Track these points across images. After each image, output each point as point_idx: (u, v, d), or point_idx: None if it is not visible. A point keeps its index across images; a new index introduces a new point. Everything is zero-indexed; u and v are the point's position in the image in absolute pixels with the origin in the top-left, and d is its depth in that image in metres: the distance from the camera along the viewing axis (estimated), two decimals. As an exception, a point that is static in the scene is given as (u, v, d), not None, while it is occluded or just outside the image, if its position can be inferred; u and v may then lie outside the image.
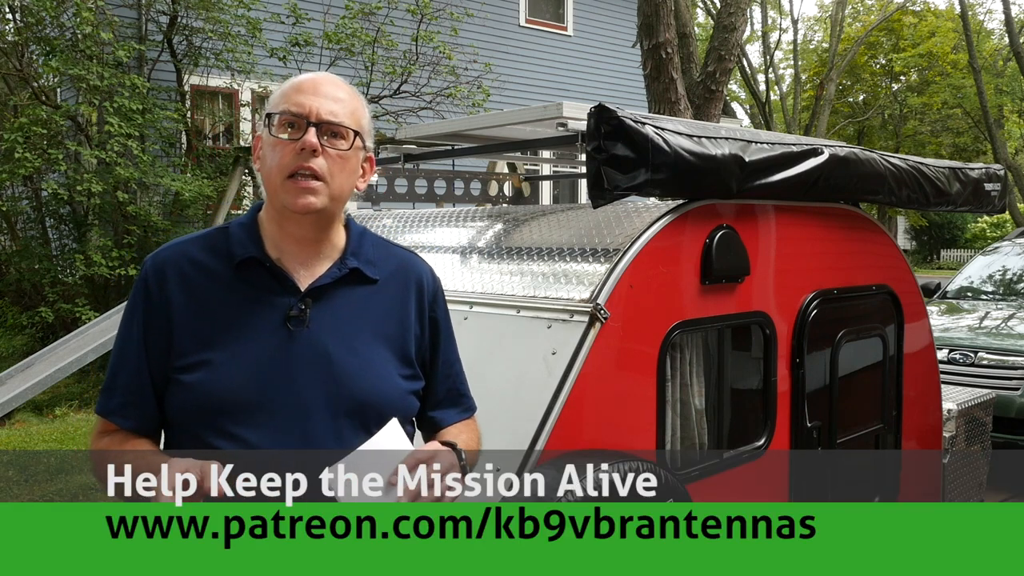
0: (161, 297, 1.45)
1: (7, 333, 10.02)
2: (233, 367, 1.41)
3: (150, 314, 1.45)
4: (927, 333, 3.75)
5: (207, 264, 1.47)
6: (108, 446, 1.45)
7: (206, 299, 1.45)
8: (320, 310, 1.46)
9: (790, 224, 2.99)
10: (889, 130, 31.00)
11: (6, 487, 5.60)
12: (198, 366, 1.41)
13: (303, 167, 1.41)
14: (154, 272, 1.47)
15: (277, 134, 1.44)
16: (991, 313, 7.06)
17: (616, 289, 2.36)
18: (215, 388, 1.40)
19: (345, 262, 1.51)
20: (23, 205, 10.11)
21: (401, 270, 1.59)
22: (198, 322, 1.43)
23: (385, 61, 11.12)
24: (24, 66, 9.75)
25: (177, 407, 1.43)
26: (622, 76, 15.77)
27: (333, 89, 1.48)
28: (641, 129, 2.37)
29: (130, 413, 1.46)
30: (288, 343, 1.43)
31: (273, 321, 1.44)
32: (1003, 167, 4.06)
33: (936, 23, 27.79)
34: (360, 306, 1.51)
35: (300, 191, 1.41)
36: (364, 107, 1.53)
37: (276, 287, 1.46)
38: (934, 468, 3.82)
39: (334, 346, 1.45)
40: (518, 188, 4.69)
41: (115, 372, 1.48)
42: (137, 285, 1.48)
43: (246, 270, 1.46)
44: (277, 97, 1.47)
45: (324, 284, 1.47)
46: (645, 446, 2.46)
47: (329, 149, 1.43)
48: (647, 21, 6.82)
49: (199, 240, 1.51)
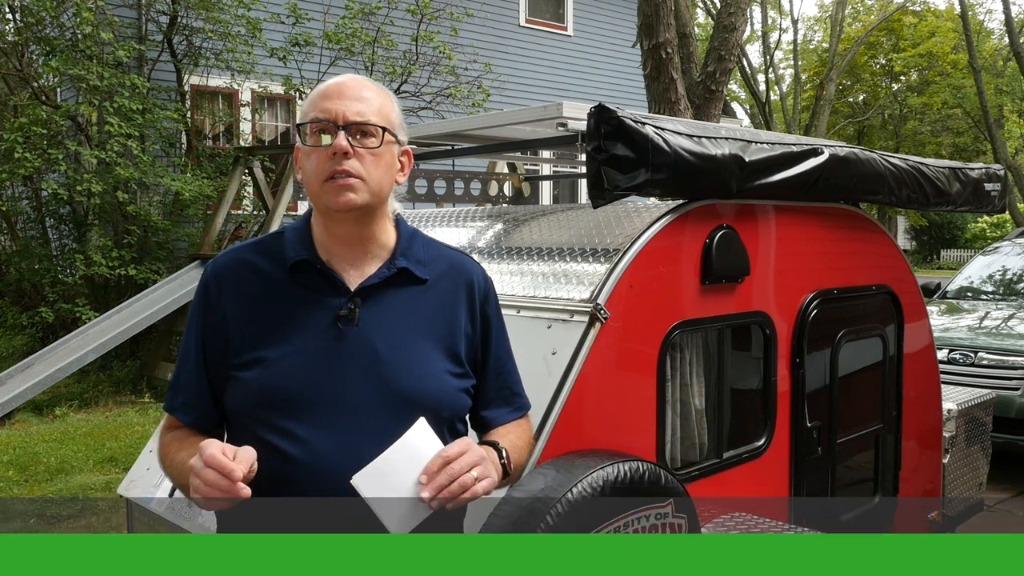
0: (219, 301, 1.53)
1: (7, 333, 10.02)
2: (284, 364, 1.46)
3: (208, 318, 1.53)
4: (927, 333, 3.75)
5: (262, 267, 1.54)
6: (170, 442, 1.55)
7: (260, 300, 1.51)
8: (369, 309, 1.50)
9: (790, 224, 2.99)
10: (889, 130, 31.01)
11: (6, 487, 5.60)
12: (253, 364, 1.47)
13: (338, 171, 1.45)
14: (214, 278, 1.55)
15: (310, 143, 1.48)
16: (991, 313, 7.06)
17: (616, 289, 2.36)
18: (267, 384, 1.45)
19: (394, 262, 1.55)
20: (23, 205, 10.12)
21: (452, 270, 1.62)
22: (253, 322, 1.50)
23: (385, 61, 11.12)
24: (24, 66, 9.75)
25: (234, 403, 1.50)
26: (622, 76, 15.78)
27: (358, 89, 1.51)
28: (641, 129, 2.37)
29: (190, 411, 1.55)
30: (338, 342, 1.47)
31: (324, 321, 1.49)
32: (1003, 167, 4.06)
33: (936, 23, 27.80)
34: (409, 306, 1.54)
35: (339, 189, 1.46)
36: (393, 102, 1.55)
37: (327, 288, 1.51)
38: (934, 468, 3.82)
39: (382, 344, 1.49)
40: (518, 188, 4.69)
41: (178, 372, 1.58)
42: (200, 289, 1.57)
43: (299, 272, 1.52)
44: (306, 106, 1.52)
45: (373, 284, 1.52)
46: (645, 446, 2.46)
47: (360, 149, 1.47)
48: (647, 21, 6.82)
49: (255, 245, 1.59)
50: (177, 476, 1.49)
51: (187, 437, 1.53)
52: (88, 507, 5.24)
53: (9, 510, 5.19)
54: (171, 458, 1.52)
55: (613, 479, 2.08)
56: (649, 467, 2.18)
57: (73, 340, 7.96)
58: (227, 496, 1.27)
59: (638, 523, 2.14)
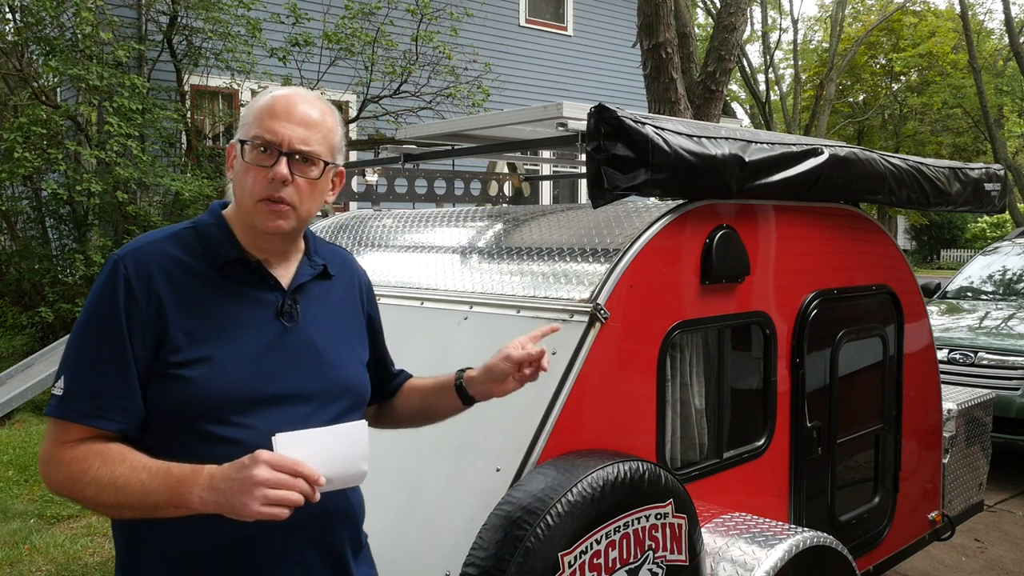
0: (147, 294, 1.43)
1: (7, 333, 10.02)
2: (235, 361, 1.45)
3: (134, 312, 1.42)
4: (927, 333, 3.75)
5: (188, 262, 1.49)
6: (87, 456, 1.38)
7: (196, 297, 1.47)
8: (303, 305, 1.57)
9: (790, 224, 2.99)
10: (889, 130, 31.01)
11: (6, 487, 5.59)
12: (197, 362, 1.43)
13: (273, 196, 1.47)
14: (136, 269, 1.44)
15: (250, 160, 1.48)
16: (991, 313, 7.06)
17: (616, 289, 2.36)
18: (219, 382, 1.43)
19: (314, 260, 1.63)
20: (23, 205, 10.11)
21: (345, 267, 1.73)
22: (191, 319, 1.45)
23: (385, 61, 11.12)
24: (24, 66, 9.75)
25: (174, 402, 1.42)
26: (622, 76, 15.77)
27: (307, 111, 1.50)
28: (641, 129, 2.37)
29: (113, 415, 1.41)
30: (282, 337, 1.52)
31: (264, 317, 1.52)
32: (1003, 167, 4.06)
33: (936, 23, 27.80)
34: (328, 299, 1.64)
35: (271, 215, 1.48)
36: (337, 124, 1.57)
37: (261, 285, 1.54)
38: (934, 468, 3.82)
39: (318, 337, 1.56)
40: (518, 188, 4.68)
41: (85, 373, 1.42)
42: (114, 282, 1.43)
43: (230, 270, 1.52)
44: (251, 119, 1.49)
45: (304, 281, 1.59)
46: (645, 446, 2.46)
47: (299, 177, 1.48)
48: (647, 21, 6.82)
49: (171, 239, 1.52)
50: (116, 493, 1.35)
51: (106, 449, 1.38)
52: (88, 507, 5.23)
53: (9, 510, 5.19)
54: (97, 475, 1.35)
55: (613, 479, 2.08)
56: (649, 467, 2.18)
57: (73, 340, 7.94)
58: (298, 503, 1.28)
59: (638, 523, 2.14)
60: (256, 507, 1.25)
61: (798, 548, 2.42)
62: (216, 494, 1.29)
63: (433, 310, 2.76)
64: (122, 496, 1.35)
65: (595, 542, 2.04)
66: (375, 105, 11.31)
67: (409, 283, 2.97)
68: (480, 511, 2.06)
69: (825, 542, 2.55)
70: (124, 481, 1.35)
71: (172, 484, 1.32)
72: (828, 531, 2.84)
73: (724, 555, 2.39)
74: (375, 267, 3.21)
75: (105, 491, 1.36)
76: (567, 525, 1.98)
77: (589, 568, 2.02)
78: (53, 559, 4.46)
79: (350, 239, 3.51)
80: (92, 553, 4.55)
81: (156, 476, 1.34)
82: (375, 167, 3.82)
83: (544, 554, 1.93)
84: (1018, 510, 5.51)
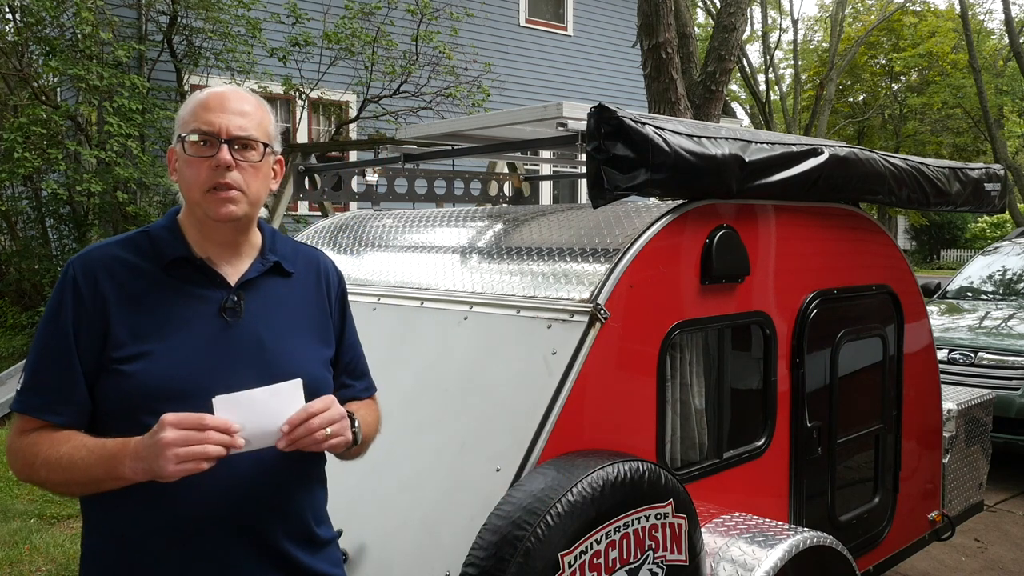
0: (93, 294, 1.51)
1: (7, 333, 10.02)
2: (173, 356, 1.50)
3: (81, 312, 1.51)
4: (927, 333, 3.75)
5: (135, 263, 1.56)
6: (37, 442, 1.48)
7: (139, 295, 1.53)
8: (250, 301, 1.59)
9: (790, 224, 2.99)
10: (889, 130, 31.01)
11: (6, 487, 5.60)
12: (138, 357, 1.49)
13: (220, 182, 1.52)
14: (84, 272, 1.53)
15: (191, 153, 1.54)
16: (991, 313, 7.06)
17: (616, 289, 2.36)
18: (157, 376, 1.48)
19: (267, 257, 1.65)
20: (23, 205, 10.12)
21: (309, 264, 1.74)
22: (134, 316, 1.52)
23: (385, 61, 11.12)
24: (24, 66, 9.75)
25: (117, 396, 1.49)
26: (622, 76, 15.77)
27: (239, 103, 1.57)
28: (641, 129, 2.37)
29: (61, 409, 1.50)
30: (224, 333, 1.55)
31: (207, 313, 1.55)
32: (1003, 167, 4.06)
33: (936, 23, 27.80)
34: (283, 297, 1.65)
35: (221, 201, 1.53)
36: (269, 114, 1.63)
37: (206, 282, 1.58)
38: (934, 468, 3.82)
39: (265, 333, 1.58)
40: (518, 188, 4.68)
41: (38, 369, 1.52)
42: (64, 285, 1.53)
43: (176, 269, 1.57)
44: (186, 115, 1.56)
45: (252, 277, 1.61)
46: (645, 446, 2.46)
47: (242, 162, 1.54)
48: (647, 21, 6.82)
49: (122, 243, 1.60)
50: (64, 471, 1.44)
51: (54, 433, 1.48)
52: (88, 507, 5.24)
53: (9, 510, 5.19)
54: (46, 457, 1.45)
55: (613, 479, 2.08)
56: (649, 467, 2.18)
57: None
58: (216, 454, 1.35)
59: (638, 523, 2.14)
60: (171, 467, 1.33)
61: (798, 548, 2.42)
62: (140, 461, 1.37)
63: (433, 310, 2.76)
64: (68, 474, 1.45)
65: (595, 542, 2.04)
66: (375, 105, 11.31)
67: (409, 283, 2.97)
68: (480, 511, 2.06)
69: (825, 542, 2.55)
70: (68, 459, 1.44)
71: (107, 458, 1.42)
72: (828, 531, 2.84)
73: (724, 555, 2.39)
74: (375, 267, 3.21)
75: (55, 470, 1.45)
76: (567, 525, 1.98)
77: (589, 568, 2.02)
78: (53, 559, 4.46)
79: (350, 239, 3.51)
80: (92, 553, 4.55)
81: (93, 452, 1.43)
82: (375, 167, 3.82)
83: (544, 554, 1.94)
84: (1018, 510, 5.51)
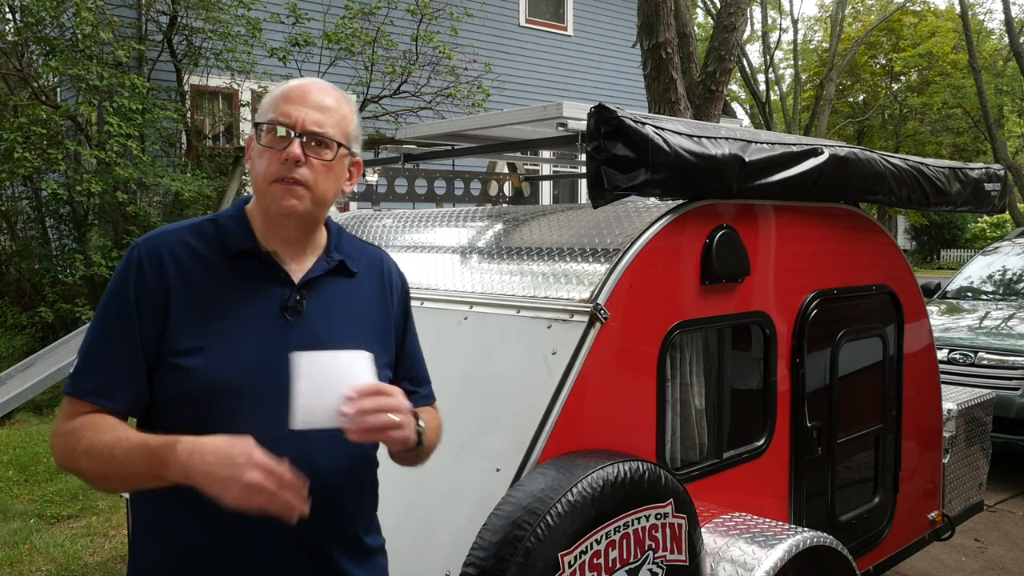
0: (157, 280, 1.46)
1: (7, 333, 10.02)
2: (233, 353, 1.45)
3: (144, 296, 1.46)
4: (927, 333, 3.75)
5: (202, 252, 1.51)
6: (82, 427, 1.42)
7: (203, 286, 1.48)
8: (312, 301, 1.54)
9: (790, 224, 2.99)
10: (889, 130, 31.01)
11: (6, 487, 5.60)
12: (196, 351, 1.44)
13: (286, 176, 1.47)
14: (149, 254, 1.48)
15: (265, 143, 1.50)
16: (991, 313, 7.06)
17: (616, 289, 2.36)
18: (214, 373, 1.43)
19: (331, 256, 1.59)
20: (23, 205, 10.11)
21: (375, 265, 1.69)
22: (195, 308, 1.47)
23: (385, 61, 11.12)
24: (24, 66, 9.75)
25: (172, 390, 1.45)
26: (622, 76, 15.77)
27: (321, 97, 1.52)
28: (641, 129, 2.37)
29: (114, 394, 1.45)
30: (284, 332, 1.49)
31: (269, 311, 1.50)
32: (1003, 167, 4.06)
33: (936, 23, 27.80)
34: (345, 297, 1.60)
35: (284, 194, 1.48)
36: (352, 113, 1.57)
37: (270, 278, 1.52)
38: (934, 468, 3.82)
39: (325, 335, 1.52)
40: (518, 188, 4.68)
41: (94, 352, 1.47)
42: (128, 267, 1.48)
43: (241, 261, 1.51)
44: (267, 105, 1.52)
45: (316, 276, 1.55)
46: (645, 446, 2.46)
47: (313, 159, 1.49)
48: (647, 21, 6.82)
49: (190, 229, 1.54)
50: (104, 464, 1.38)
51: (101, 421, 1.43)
52: (88, 507, 5.24)
53: (9, 510, 5.19)
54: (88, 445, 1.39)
55: (613, 479, 2.08)
56: (649, 467, 2.18)
57: (73, 340, 7.96)
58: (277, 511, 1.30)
59: (638, 523, 2.14)
60: (231, 498, 1.28)
61: (798, 548, 2.42)
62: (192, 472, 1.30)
63: (433, 310, 2.76)
64: (108, 466, 1.38)
65: (595, 542, 2.04)
66: (375, 105, 11.31)
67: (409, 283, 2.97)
68: (480, 511, 2.06)
69: (825, 542, 2.55)
70: (110, 451, 1.38)
71: (149, 455, 1.35)
72: (828, 531, 2.84)
73: (724, 555, 2.39)
74: (375, 267, 3.21)
75: (95, 460, 1.39)
76: (567, 525, 1.98)
77: (589, 568, 2.02)
78: (53, 559, 4.46)
79: (350, 239, 3.51)
80: (92, 553, 4.55)
81: (136, 447, 1.37)
82: (375, 167, 3.83)
83: (544, 554, 1.93)
84: (1018, 510, 5.51)
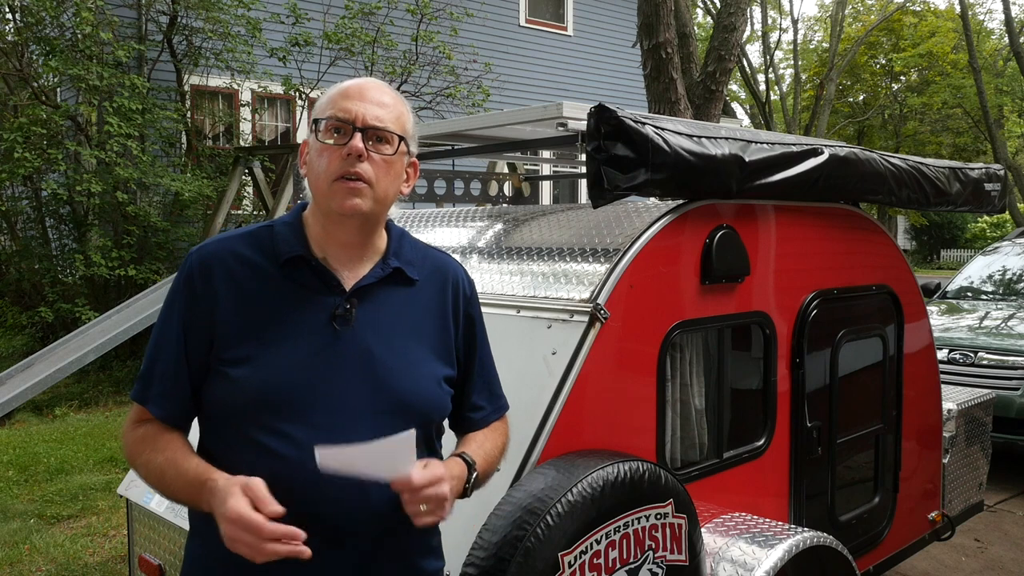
0: (207, 290, 1.46)
1: (7, 333, 10.03)
2: (279, 364, 1.42)
3: (193, 306, 1.46)
4: (927, 333, 3.75)
5: (253, 260, 1.49)
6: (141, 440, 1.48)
7: (252, 294, 1.46)
8: (364, 310, 1.48)
9: (790, 224, 2.99)
10: (889, 130, 31.01)
11: (6, 487, 5.59)
12: (244, 361, 1.43)
13: (349, 172, 1.43)
14: (200, 266, 1.48)
15: (324, 140, 1.46)
16: (991, 313, 7.06)
17: (616, 289, 2.36)
18: (260, 384, 1.41)
19: (388, 263, 1.53)
20: (23, 205, 10.11)
21: (438, 271, 1.62)
22: (244, 317, 1.45)
23: (385, 61, 11.12)
24: (24, 66, 9.75)
25: (220, 400, 1.45)
26: (622, 76, 15.77)
27: (379, 94, 1.49)
28: (641, 129, 2.37)
29: (164, 403, 1.48)
30: (333, 342, 1.45)
31: (319, 320, 1.46)
32: (1003, 167, 4.06)
33: (936, 23, 27.79)
34: (401, 306, 1.54)
35: (348, 192, 1.43)
36: (409, 112, 1.54)
37: (321, 286, 1.48)
38: (934, 468, 3.82)
39: (377, 345, 1.47)
40: (518, 188, 4.68)
41: (153, 361, 1.49)
42: (180, 278, 1.49)
43: (292, 268, 1.48)
44: (324, 103, 1.49)
45: (368, 284, 1.50)
46: (645, 446, 2.46)
47: (374, 154, 1.45)
48: (647, 21, 6.83)
49: (245, 237, 1.53)
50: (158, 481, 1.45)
51: (159, 435, 1.47)
52: (88, 507, 5.24)
53: (9, 510, 5.19)
54: (146, 459, 1.46)
55: (613, 479, 2.08)
56: (649, 467, 2.18)
57: (73, 340, 7.96)
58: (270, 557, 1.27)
59: (638, 523, 2.14)
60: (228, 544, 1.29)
61: (798, 548, 2.42)
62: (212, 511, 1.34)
63: (433, 310, 2.76)
64: (160, 485, 1.45)
65: (595, 542, 2.04)
66: (375, 105, 11.30)
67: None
68: (480, 511, 2.06)
69: (825, 542, 2.55)
70: (160, 472, 1.44)
71: (190, 485, 1.39)
72: (828, 531, 2.84)
73: (724, 555, 2.39)
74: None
75: (150, 475, 1.46)
76: (567, 525, 1.98)
77: (589, 568, 2.02)
78: (53, 559, 4.46)
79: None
80: (92, 553, 4.55)
81: (181, 476, 1.41)
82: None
83: (544, 554, 1.93)
84: (1018, 510, 5.51)
